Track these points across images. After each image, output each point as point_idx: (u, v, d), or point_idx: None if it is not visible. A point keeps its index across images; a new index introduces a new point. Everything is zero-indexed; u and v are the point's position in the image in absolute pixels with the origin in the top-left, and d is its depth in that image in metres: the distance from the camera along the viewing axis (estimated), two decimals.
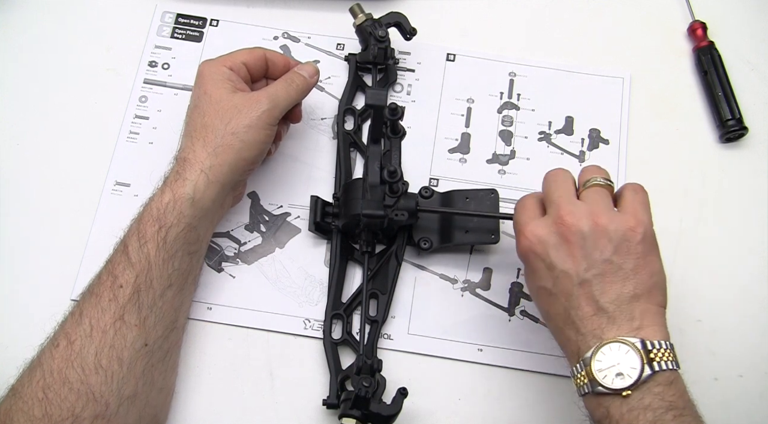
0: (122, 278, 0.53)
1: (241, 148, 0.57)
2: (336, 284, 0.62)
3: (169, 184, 0.56)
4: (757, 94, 0.72)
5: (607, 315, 0.48)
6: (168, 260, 0.55)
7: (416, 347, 0.62)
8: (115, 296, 0.53)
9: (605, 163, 0.68)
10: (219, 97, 0.58)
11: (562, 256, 0.50)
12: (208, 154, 0.57)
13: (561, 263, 0.50)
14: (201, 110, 0.59)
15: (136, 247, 0.54)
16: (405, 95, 0.71)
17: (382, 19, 0.68)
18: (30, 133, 0.68)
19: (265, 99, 0.59)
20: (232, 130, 0.57)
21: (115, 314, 0.52)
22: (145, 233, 0.54)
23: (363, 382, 0.53)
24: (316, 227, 0.64)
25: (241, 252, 0.65)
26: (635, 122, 0.71)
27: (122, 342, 0.52)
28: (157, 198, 0.56)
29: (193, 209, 0.56)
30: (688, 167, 0.69)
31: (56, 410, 0.49)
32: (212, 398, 0.60)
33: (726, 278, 0.65)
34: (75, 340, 0.51)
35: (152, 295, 0.54)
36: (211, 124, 0.57)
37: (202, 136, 0.57)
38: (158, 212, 0.55)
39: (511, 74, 0.72)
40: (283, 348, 0.62)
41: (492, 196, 0.64)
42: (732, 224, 0.67)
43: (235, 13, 0.74)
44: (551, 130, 0.70)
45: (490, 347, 0.62)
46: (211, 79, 0.59)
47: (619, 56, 0.73)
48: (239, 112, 0.58)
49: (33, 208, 0.66)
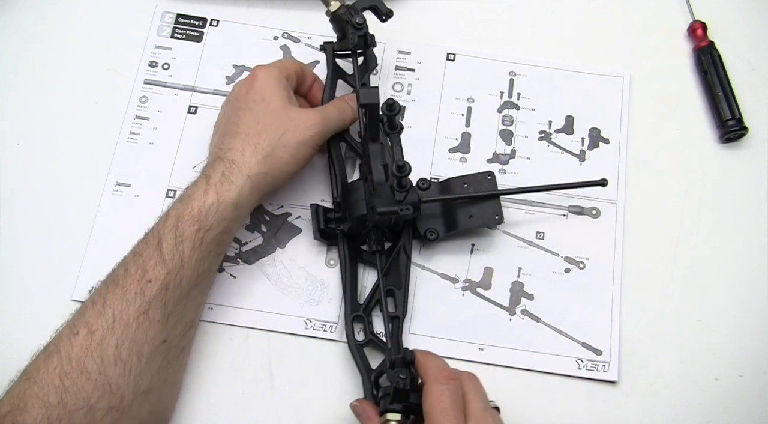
0: (152, 273, 0.53)
1: (288, 162, 0.58)
2: (350, 287, 0.62)
3: (214, 186, 0.55)
4: (757, 94, 0.72)
5: None
6: (201, 260, 0.55)
7: (417, 346, 0.61)
8: (142, 290, 0.52)
9: (605, 163, 0.69)
10: (276, 106, 0.59)
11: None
12: (257, 161, 0.57)
13: None
14: (256, 115, 0.58)
15: (171, 244, 0.54)
16: (405, 95, 0.71)
17: (357, 4, 0.65)
18: (30, 134, 0.68)
19: (320, 120, 0.60)
20: (285, 142, 0.58)
21: (140, 308, 0.52)
22: (184, 231, 0.54)
23: (400, 374, 0.52)
24: (321, 235, 0.63)
25: (241, 252, 0.65)
26: (635, 122, 0.71)
27: (144, 337, 0.52)
28: (199, 197, 0.55)
29: (234, 214, 0.56)
30: (688, 167, 0.69)
31: (72, 399, 0.49)
32: (213, 399, 0.60)
33: (726, 278, 0.65)
34: (96, 329, 0.51)
35: (179, 293, 0.54)
36: (266, 132, 0.58)
37: (254, 141, 0.57)
38: (200, 212, 0.54)
39: (511, 74, 0.72)
40: (284, 348, 0.62)
41: (489, 179, 0.64)
42: (732, 224, 0.67)
43: (235, 13, 0.73)
44: (551, 129, 0.70)
45: (491, 347, 0.62)
46: (269, 86, 0.59)
47: (619, 56, 0.73)
48: (295, 126, 0.58)
49: (34, 208, 0.66)
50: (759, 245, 0.67)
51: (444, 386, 0.50)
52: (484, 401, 0.51)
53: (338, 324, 0.62)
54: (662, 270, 0.63)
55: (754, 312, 0.64)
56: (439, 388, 0.50)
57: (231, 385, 0.61)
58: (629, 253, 0.66)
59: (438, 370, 0.52)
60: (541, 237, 0.66)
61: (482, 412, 0.49)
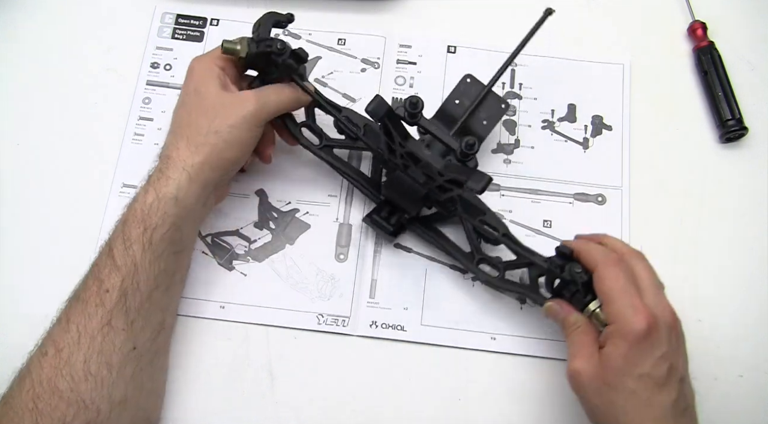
0: (108, 282, 0.52)
1: (223, 148, 0.56)
2: (452, 246, 0.63)
3: (152, 183, 0.55)
4: (757, 94, 0.72)
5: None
6: (154, 261, 0.54)
7: (430, 337, 0.62)
8: (101, 300, 0.52)
9: (609, 149, 0.69)
10: (206, 94, 0.57)
11: (674, 347, 0.51)
12: (191, 152, 0.56)
13: (673, 354, 0.50)
14: (187, 107, 0.58)
15: (122, 250, 0.53)
16: (407, 88, 0.71)
17: (260, 32, 0.59)
18: (32, 136, 0.68)
19: (253, 99, 0.57)
20: (216, 128, 0.56)
21: (102, 320, 0.52)
22: (130, 234, 0.53)
23: (575, 269, 0.54)
24: (395, 233, 0.63)
25: (251, 250, 0.65)
26: (635, 121, 0.71)
27: (111, 347, 0.51)
28: (140, 198, 0.55)
29: (177, 208, 0.55)
30: (688, 167, 0.70)
31: (47, 420, 0.49)
32: (227, 395, 0.60)
33: (726, 278, 0.65)
34: (63, 348, 0.51)
35: (139, 298, 0.53)
36: (196, 122, 0.56)
37: (186, 133, 0.56)
38: (142, 212, 0.54)
39: (513, 64, 0.72)
40: (298, 344, 0.62)
41: (469, 81, 0.65)
42: (732, 224, 0.68)
43: (236, 12, 0.74)
44: (554, 118, 0.71)
45: (503, 335, 0.63)
46: (201, 75, 0.58)
47: (619, 56, 0.73)
48: (225, 110, 0.57)
49: (42, 210, 0.66)
50: (759, 244, 0.67)
51: (617, 268, 0.52)
52: (653, 276, 0.53)
53: (350, 318, 0.63)
54: (662, 270, 0.62)
55: (754, 312, 0.65)
56: (613, 270, 0.52)
57: (244, 383, 0.61)
58: (635, 238, 0.66)
59: (604, 255, 0.53)
60: (548, 225, 0.67)
61: (653, 287, 0.52)
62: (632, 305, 0.50)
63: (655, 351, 0.49)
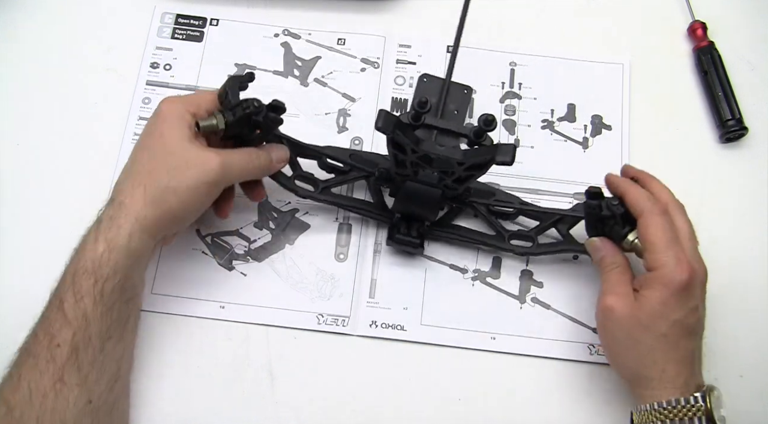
0: (59, 337, 0.50)
1: (177, 209, 0.54)
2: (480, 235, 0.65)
3: (102, 232, 0.52)
4: (757, 94, 0.72)
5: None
6: (106, 312, 0.52)
7: (430, 337, 0.62)
8: (52, 356, 0.50)
9: (609, 149, 0.69)
10: (173, 145, 0.54)
11: (703, 302, 0.55)
12: (144, 203, 0.53)
13: (702, 308, 0.55)
14: (150, 152, 0.55)
15: (72, 303, 0.51)
16: (407, 88, 0.71)
17: (231, 98, 0.56)
18: (32, 136, 0.68)
19: (217, 165, 0.54)
20: (175, 187, 0.53)
21: (54, 376, 0.49)
22: (81, 287, 0.51)
23: (612, 202, 0.57)
24: (421, 245, 0.63)
25: (251, 250, 0.65)
26: (635, 121, 0.71)
27: (64, 404, 0.49)
28: (90, 247, 0.52)
29: (130, 260, 0.52)
30: (688, 167, 0.70)
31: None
32: (227, 395, 0.60)
33: (726, 278, 0.65)
34: (15, 407, 0.48)
35: (92, 351, 0.51)
36: (156, 173, 0.54)
37: (144, 182, 0.53)
38: (93, 264, 0.51)
39: (512, 64, 0.73)
40: (298, 343, 0.62)
41: (425, 80, 0.68)
42: (732, 224, 0.68)
43: (235, 11, 0.74)
44: (554, 117, 0.71)
45: (503, 335, 0.63)
46: (170, 121, 0.55)
47: (619, 56, 0.73)
48: (188, 169, 0.54)
49: (42, 210, 0.66)
50: (759, 244, 0.67)
51: (663, 219, 0.55)
52: (692, 230, 0.56)
53: (350, 318, 0.63)
54: None
55: (754, 312, 0.65)
56: (658, 220, 0.55)
57: (245, 383, 0.61)
58: None
59: (652, 203, 0.56)
60: None
61: (692, 241, 0.56)
62: (676, 257, 0.53)
63: (690, 302, 0.53)
